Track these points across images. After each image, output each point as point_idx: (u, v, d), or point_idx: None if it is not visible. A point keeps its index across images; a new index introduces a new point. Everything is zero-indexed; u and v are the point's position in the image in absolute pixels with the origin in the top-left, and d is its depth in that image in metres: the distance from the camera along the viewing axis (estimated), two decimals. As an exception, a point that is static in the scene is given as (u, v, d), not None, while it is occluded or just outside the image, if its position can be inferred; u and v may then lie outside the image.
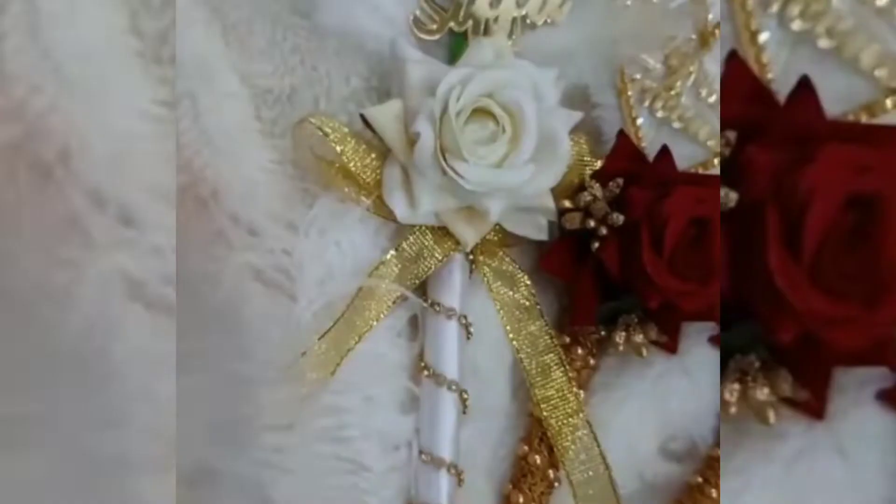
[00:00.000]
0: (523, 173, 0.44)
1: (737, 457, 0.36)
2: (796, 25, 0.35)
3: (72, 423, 0.33)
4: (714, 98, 0.52)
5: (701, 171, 0.51)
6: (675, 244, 0.44)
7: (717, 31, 0.52)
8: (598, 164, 0.49)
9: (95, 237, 0.35)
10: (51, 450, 0.33)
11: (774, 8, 0.35)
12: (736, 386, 0.34)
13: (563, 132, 0.45)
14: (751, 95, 0.34)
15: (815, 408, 0.33)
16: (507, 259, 0.49)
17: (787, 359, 0.33)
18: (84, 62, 0.35)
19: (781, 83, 0.35)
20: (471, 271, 0.49)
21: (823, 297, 0.30)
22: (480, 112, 0.44)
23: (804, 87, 0.33)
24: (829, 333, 0.31)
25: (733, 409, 0.34)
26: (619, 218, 0.46)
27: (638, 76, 0.51)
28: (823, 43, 0.34)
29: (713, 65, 0.52)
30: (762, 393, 0.33)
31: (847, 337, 0.30)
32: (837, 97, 0.34)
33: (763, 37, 0.35)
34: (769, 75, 0.36)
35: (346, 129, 0.45)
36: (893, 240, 0.31)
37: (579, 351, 0.49)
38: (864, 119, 0.35)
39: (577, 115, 0.46)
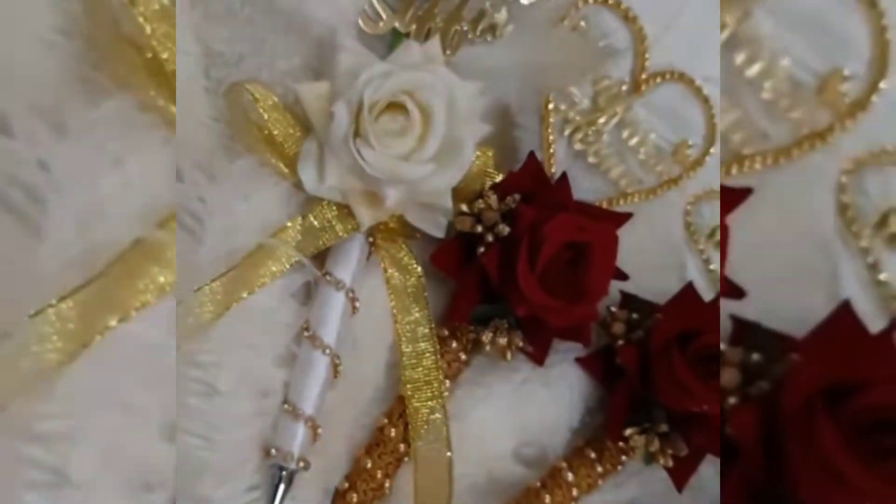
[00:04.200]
0: (423, 170, 0.47)
1: (486, 377, 0.54)
2: (577, 145, 0.55)
3: None
4: (635, 141, 0.55)
5: (605, 205, 0.54)
6: (547, 262, 0.48)
7: (651, 80, 0.56)
8: (500, 177, 0.52)
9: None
10: None
11: (566, 132, 0.54)
12: (490, 335, 0.52)
13: (468, 141, 0.48)
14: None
15: (537, 357, 0.53)
16: (405, 249, 0.53)
17: (523, 328, 0.52)
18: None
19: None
20: (370, 253, 0.53)
21: (544, 294, 0.48)
22: (397, 107, 0.47)
23: (563, 178, 0.52)
24: (546, 315, 0.50)
25: (488, 348, 0.52)
26: (504, 229, 0.49)
27: (563, 107, 0.54)
28: (591, 159, 0.55)
29: (643, 110, 0.56)
30: (503, 341, 0.52)
31: (555, 319, 0.50)
32: (592, 190, 0.55)
33: (553, 147, 0.54)
34: (553, 169, 0.54)
35: (275, 100, 0.49)
36: (593, 270, 0.50)
37: (454, 345, 0.53)
38: (604, 205, 0.55)
39: (485, 129, 0.49)
